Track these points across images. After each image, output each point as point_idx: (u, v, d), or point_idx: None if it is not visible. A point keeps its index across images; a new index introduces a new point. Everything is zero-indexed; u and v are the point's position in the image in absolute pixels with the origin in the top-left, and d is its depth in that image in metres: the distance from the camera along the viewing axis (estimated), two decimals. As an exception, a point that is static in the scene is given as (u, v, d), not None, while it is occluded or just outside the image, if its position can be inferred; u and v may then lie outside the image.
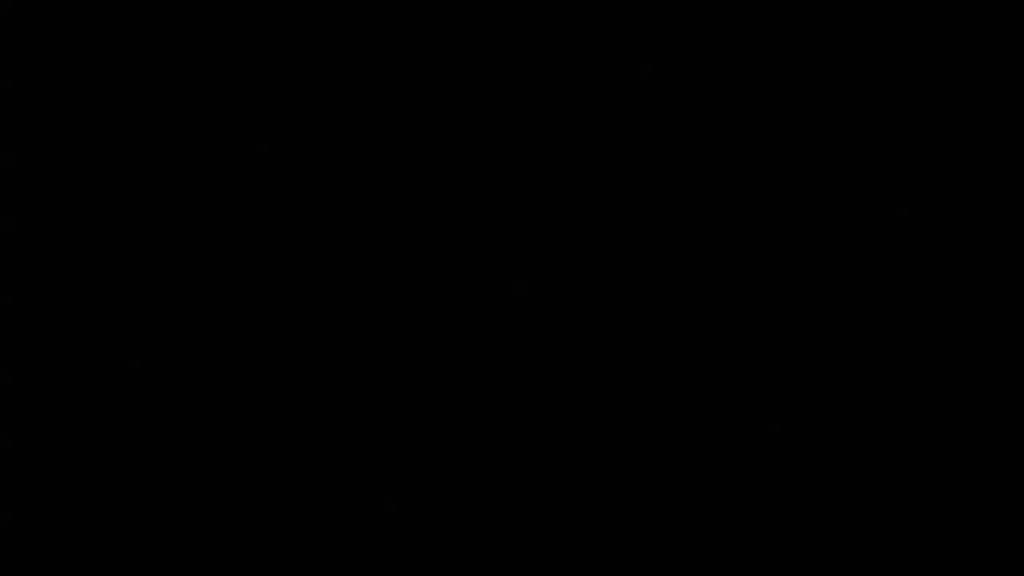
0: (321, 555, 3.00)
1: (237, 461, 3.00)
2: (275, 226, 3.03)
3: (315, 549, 2.99)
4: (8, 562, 2.97)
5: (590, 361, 3.02)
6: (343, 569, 2.99)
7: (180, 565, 2.99)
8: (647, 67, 3.03)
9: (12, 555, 2.98)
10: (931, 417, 2.99)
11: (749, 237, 3.02)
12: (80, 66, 3.04)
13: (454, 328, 3.02)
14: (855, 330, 3.00)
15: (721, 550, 2.99)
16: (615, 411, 3.01)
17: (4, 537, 2.98)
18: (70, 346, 3.01)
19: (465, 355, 3.02)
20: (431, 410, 3.01)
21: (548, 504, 3.00)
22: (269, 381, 3.02)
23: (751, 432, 2.99)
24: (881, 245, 3.00)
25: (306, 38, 3.05)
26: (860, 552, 2.98)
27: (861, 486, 2.99)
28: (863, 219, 3.01)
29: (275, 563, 2.99)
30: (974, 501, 2.98)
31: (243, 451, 3.01)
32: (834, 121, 3.02)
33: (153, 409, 3.01)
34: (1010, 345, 2.99)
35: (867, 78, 3.03)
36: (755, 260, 3.02)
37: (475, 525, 3.00)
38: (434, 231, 3.04)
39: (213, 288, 3.02)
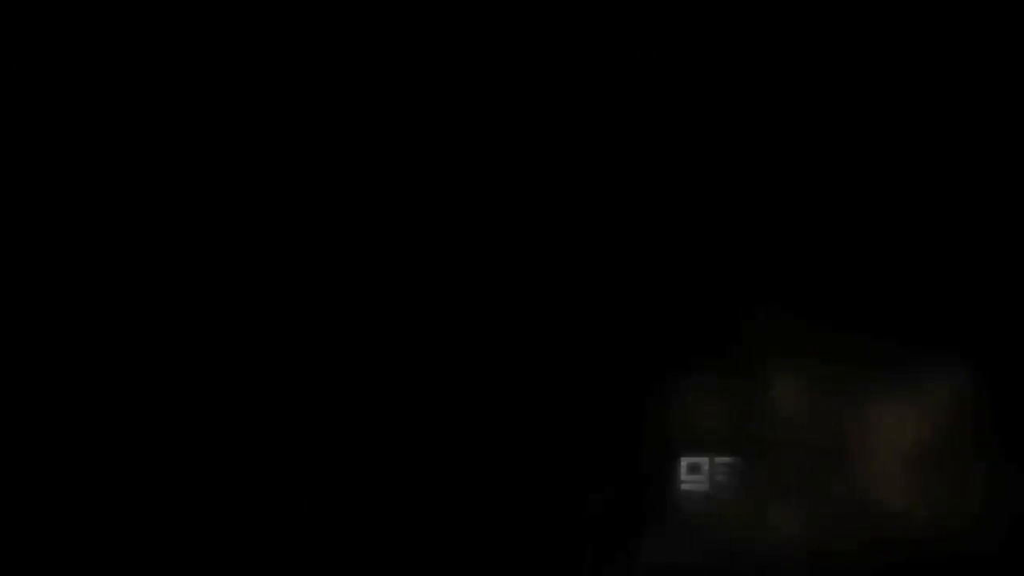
0: (321, 555, 3.00)
1: (237, 461, 3.01)
2: (275, 226, 3.04)
3: (315, 549, 3.00)
4: (8, 562, 2.98)
5: (589, 361, 3.03)
6: (343, 569, 3.00)
7: (180, 565, 2.99)
8: (647, 67, 3.04)
9: (12, 555, 2.98)
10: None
11: (748, 237, 3.03)
12: (80, 66, 3.05)
13: (454, 328, 3.03)
14: (854, 330, 3.02)
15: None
16: (614, 411, 3.02)
17: (4, 537, 2.98)
18: (70, 346, 3.01)
19: (465, 355, 3.02)
20: (431, 410, 3.02)
21: (548, 504, 3.01)
22: (269, 381, 3.02)
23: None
24: (881, 245, 3.02)
25: (306, 38, 3.06)
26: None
27: None
28: (863, 219, 3.02)
29: (275, 563, 2.99)
30: None
31: (243, 451, 3.01)
32: (834, 121, 3.04)
33: (153, 409, 3.01)
34: (1010, 344, 3.00)
35: (867, 78, 3.04)
36: (755, 260, 3.03)
37: (475, 525, 3.01)
38: (434, 231, 3.04)
39: (213, 288, 3.03)
